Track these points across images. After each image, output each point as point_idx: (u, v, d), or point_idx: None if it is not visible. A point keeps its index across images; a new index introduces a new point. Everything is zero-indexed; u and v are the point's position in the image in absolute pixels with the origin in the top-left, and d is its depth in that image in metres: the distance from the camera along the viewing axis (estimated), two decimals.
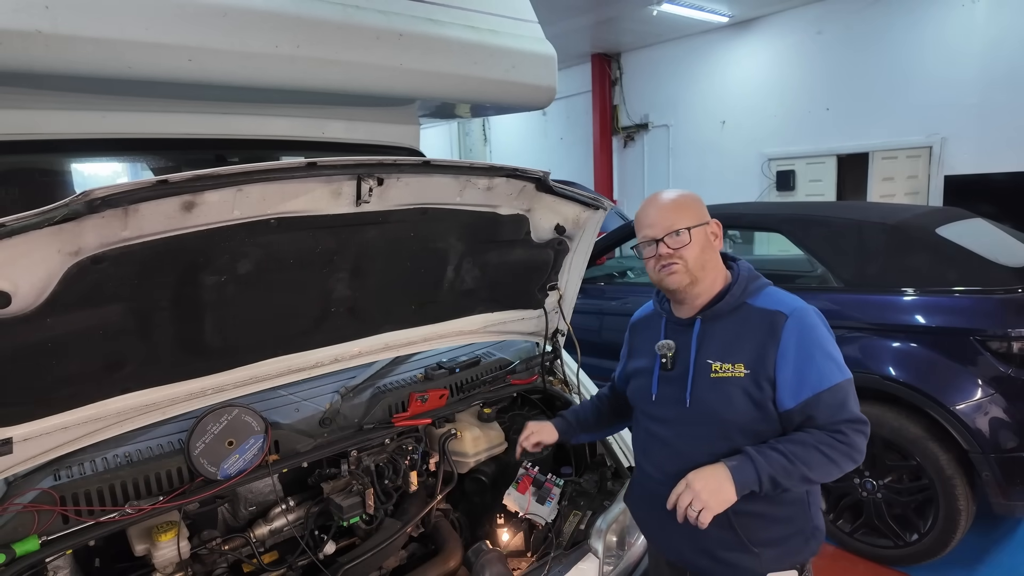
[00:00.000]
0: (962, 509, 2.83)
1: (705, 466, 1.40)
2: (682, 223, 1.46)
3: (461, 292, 2.00)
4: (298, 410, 1.86)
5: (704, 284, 1.50)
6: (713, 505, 1.34)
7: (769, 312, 1.45)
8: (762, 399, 1.41)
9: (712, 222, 1.52)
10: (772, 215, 3.96)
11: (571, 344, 2.32)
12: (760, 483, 1.35)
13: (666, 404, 1.55)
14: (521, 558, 1.97)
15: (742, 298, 1.49)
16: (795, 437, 1.39)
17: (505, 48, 2.25)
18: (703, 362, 1.48)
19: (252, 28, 1.68)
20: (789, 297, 1.50)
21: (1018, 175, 6.74)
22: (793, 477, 1.35)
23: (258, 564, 1.73)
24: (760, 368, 1.41)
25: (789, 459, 1.35)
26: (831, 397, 1.38)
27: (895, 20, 7.54)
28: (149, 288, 1.37)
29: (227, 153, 2.15)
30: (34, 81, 1.59)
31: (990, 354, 2.77)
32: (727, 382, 1.44)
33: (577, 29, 9.06)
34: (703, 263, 1.48)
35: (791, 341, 1.40)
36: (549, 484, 1.98)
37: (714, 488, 1.35)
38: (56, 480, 1.50)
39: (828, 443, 1.36)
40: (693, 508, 1.35)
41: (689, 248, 1.46)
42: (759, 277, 1.55)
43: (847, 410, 1.40)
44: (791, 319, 1.42)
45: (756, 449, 1.38)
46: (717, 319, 1.50)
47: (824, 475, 1.38)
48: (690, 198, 1.53)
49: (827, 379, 1.39)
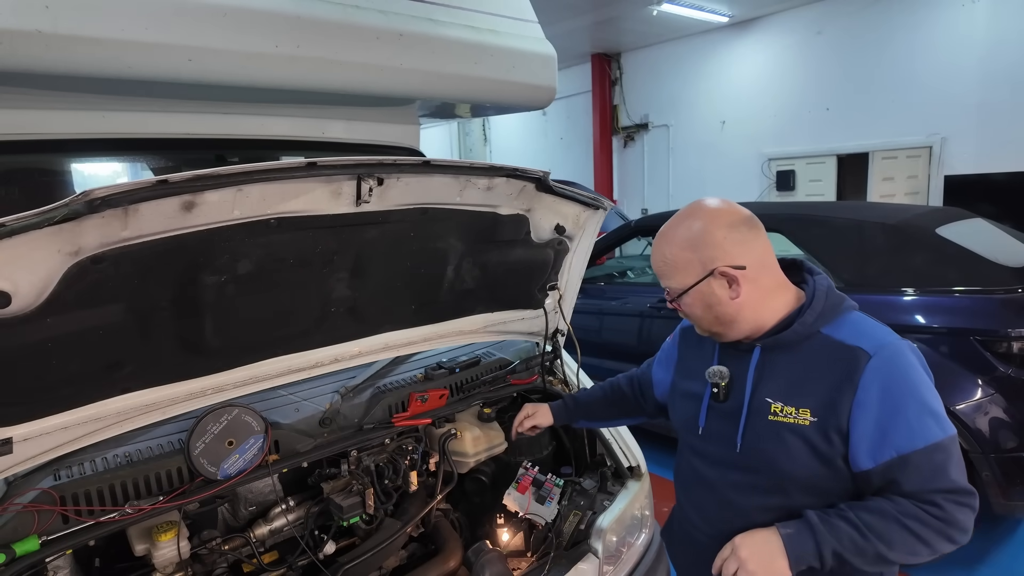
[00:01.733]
0: None
1: (756, 530, 1.19)
2: (675, 283, 1.25)
3: (461, 292, 2.00)
4: (298, 410, 1.86)
5: (743, 325, 1.25)
6: None
7: (848, 348, 1.17)
8: (830, 454, 1.16)
9: (718, 270, 1.20)
10: (772, 215, 3.95)
11: (571, 344, 2.32)
12: (821, 558, 1.13)
13: (714, 441, 1.32)
14: (521, 558, 1.97)
15: (816, 326, 1.22)
16: (873, 505, 1.14)
17: (505, 48, 2.25)
18: (761, 400, 1.23)
19: (252, 28, 1.68)
20: (878, 329, 1.21)
21: (1018, 175, 6.75)
22: (866, 555, 1.12)
23: (258, 564, 1.73)
24: (831, 417, 1.16)
25: (862, 532, 1.11)
26: (924, 460, 1.11)
27: (895, 20, 7.55)
28: (149, 288, 1.37)
29: (227, 153, 2.15)
30: (34, 81, 1.59)
31: (990, 354, 2.77)
32: (788, 428, 1.19)
33: (577, 29, 9.07)
34: (717, 317, 1.25)
35: (874, 387, 1.13)
36: (549, 484, 1.98)
37: (764, 559, 1.14)
38: (56, 480, 1.50)
39: (916, 516, 1.10)
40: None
41: (689, 310, 1.27)
42: (843, 300, 1.26)
43: (946, 477, 1.11)
44: (876, 359, 1.15)
45: (820, 515, 1.15)
46: (782, 349, 1.24)
47: (908, 555, 1.12)
48: (685, 243, 1.23)
49: (920, 437, 1.12)
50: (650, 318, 4.08)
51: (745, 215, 1.26)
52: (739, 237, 1.22)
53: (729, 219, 1.23)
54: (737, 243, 1.21)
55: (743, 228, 1.23)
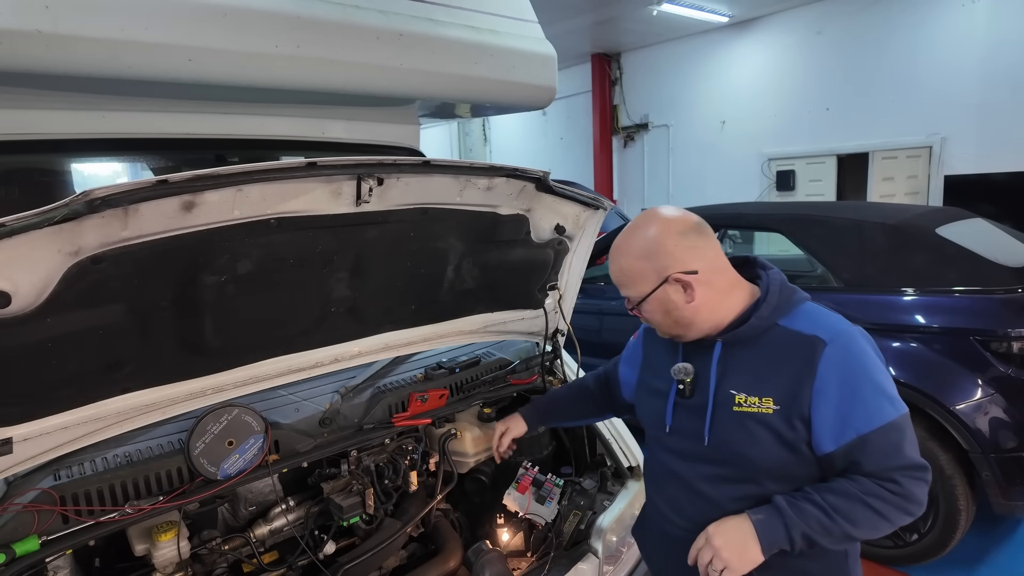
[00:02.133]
0: (962, 509, 2.84)
1: (728, 518, 1.24)
2: (632, 292, 1.31)
3: (461, 292, 2.00)
4: (298, 410, 1.86)
5: (702, 326, 1.30)
6: (736, 566, 1.19)
7: (805, 337, 1.22)
8: (794, 440, 1.21)
9: (676, 275, 1.24)
10: (772, 215, 3.96)
11: (571, 344, 2.32)
12: (791, 541, 1.18)
13: (682, 436, 1.36)
14: (521, 558, 1.97)
15: (772, 318, 1.26)
16: (837, 486, 1.19)
17: (505, 48, 2.25)
18: (725, 393, 1.27)
19: (252, 28, 1.68)
20: (831, 317, 1.27)
21: (1018, 175, 6.74)
22: (833, 534, 1.17)
23: (258, 564, 1.73)
24: (792, 405, 1.20)
25: (828, 513, 1.16)
26: (881, 439, 1.17)
27: (895, 20, 7.55)
28: (149, 288, 1.37)
29: (227, 153, 2.15)
30: (34, 81, 1.59)
31: (990, 354, 2.77)
32: (752, 418, 1.23)
33: (577, 29, 9.07)
34: (676, 320, 1.30)
35: (831, 374, 1.18)
36: (549, 484, 1.98)
37: (737, 546, 1.19)
38: (56, 480, 1.50)
39: (877, 494, 1.16)
40: (714, 568, 1.20)
41: (648, 316, 1.33)
42: (794, 291, 1.31)
43: (902, 455, 1.18)
44: (831, 346, 1.20)
45: (788, 500, 1.20)
46: (742, 343, 1.28)
47: (871, 531, 1.19)
48: (638, 253, 1.28)
49: (877, 418, 1.17)
50: None
51: (694, 221, 1.30)
52: (689, 243, 1.27)
53: (679, 227, 1.28)
54: (688, 249, 1.26)
55: (693, 235, 1.28)
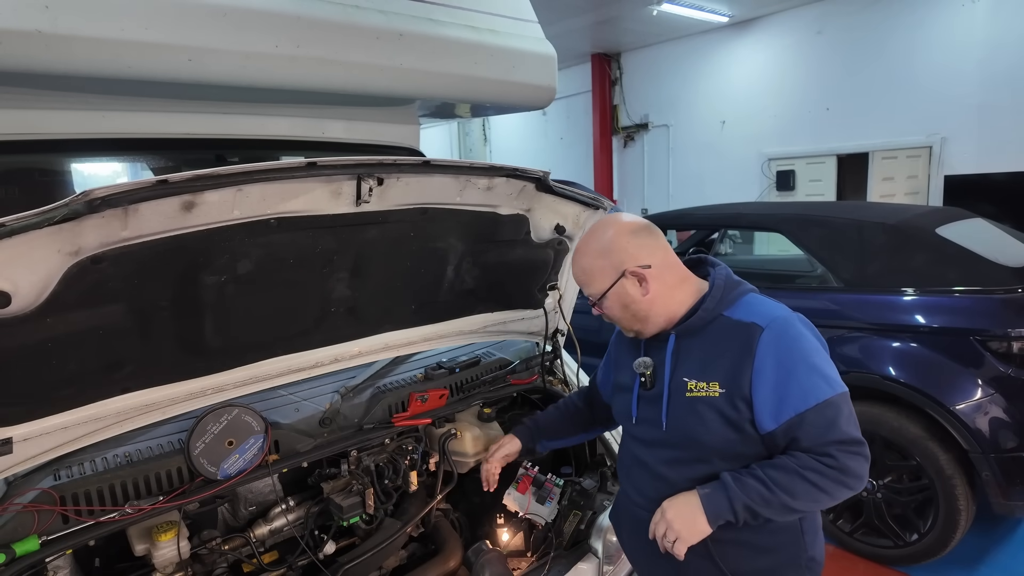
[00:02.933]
0: (962, 509, 2.84)
1: (680, 494, 1.35)
2: (591, 290, 1.43)
3: (461, 292, 2.00)
4: (298, 410, 1.86)
5: (658, 321, 1.42)
6: (686, 536, 1.30)
7: (745, 325, 1.33)
8: (738, 420, 1.31)
9: (631, 268, 1.37)
10: (772, 215, 3.96)
11: (571, 344, 2.32)
12: (735, 513, 1.28)
13: (645, 425, 1.47)
14: (521, 558, 1.97)
15: (717, 310, 1.38)
16: (778, 462, 1.29)
17: (505, 48, 2.25)
18: (679, 380, 1.38)
19: (252, 28, 1.68)
20: (770, 306, 1.38)
21: (1018, 175, 6.74)
22: (773, 506, 1.26)
23: (258, 564, 1.73)
24: (735, 387, 1.31)
25: (768, 487, 1.26)
26: (817, 416, 1.26)
27: (895, 20, 7.54)
28: (149, 288, 1.37)
29: (227, 153, 2.15)
30: (34, 81, 1.59)
31: (990, 354, 2.77)
32: (701, 402, 1.34)
33: (577, 29, 9.07)
34: (634, 314, 1.41)
35: (768, 356, 1.28)
36: (549, 484, 1.98)
37: (686, 518, 1.30)
38: (56, 480, 1.50)
39: (814, 468, 1.25)
40: (667, 538, 1.32)
41: (609, 311, 1.43)
42: (739, 284, 1.43)
43: (837, 430, 1.26)
44: (767, 331, 1.30)
45: (733, 475, 1.30)
46: (693, 334, 1.40)
47: (811, 503, 1.28)
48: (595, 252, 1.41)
49: (812, 396, 1.27)
50: None
51: (644, 224, 1.45)
52: (641, 241, 1.40)
53: (631, 227, 1.42)
54: (640, 247, 1.40)
55: (644, 234, 1.42)
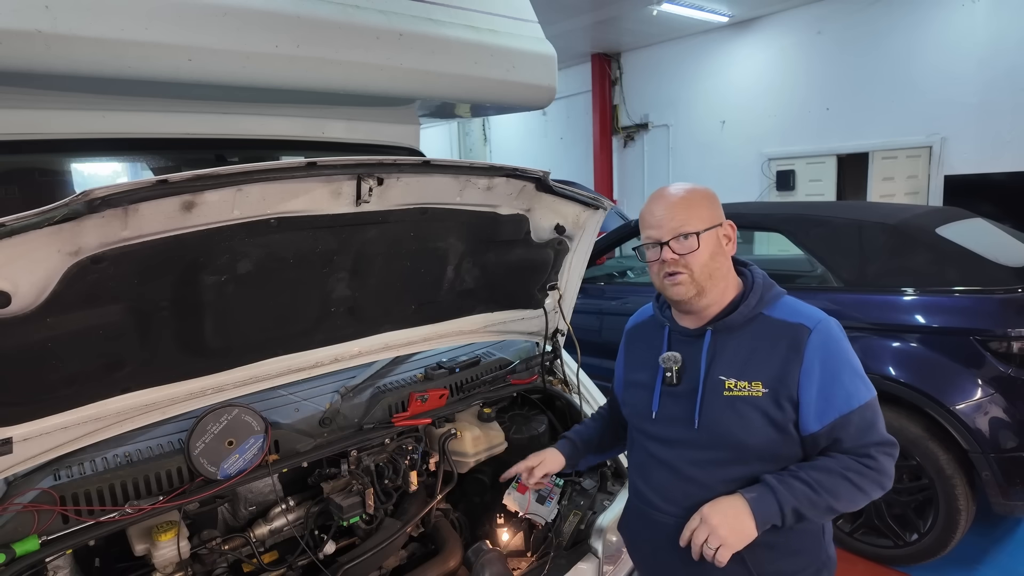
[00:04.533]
0: (962, 509, 2.83)
1: (721, 498, 1.29)
2: (691, 226, 1.32)
3: (461, 292, 2.00)
4: (298, 410, 1.86)
5: (712, 295, 1.36)
6: (733, 542, 1.24)
7: (790, 325, 1.32)
8: (783, 421, 1.28)
9: (726, 223, 1.39)
10: (772, 215, 3.96)
11: (571, 344, 2.32)
12: (783, 516, 1.24)
13: (669, 423, 1.41)
14: (521, 558, 1.97)
15: (758, 308, 1.36)
16: (820, 463, 1.28)
17: (505, 48, 2.25)
18: (716, 378, 1.34)
19: (252, 28, 1.67)
20: (809, 308, 1.37)
21: (1018, 175, 6.74)
22: (819, 508, 1.25)
23: (258, 564, 1.73)
24: (781, 387, 1.28)
25: (814, 489, 1.24)
26: (859, 418, 1.27)
27: (895, 20, 7.54)
28: (149, 288, 1.37)
29: (227, 153, 2.15)
30: (34, 81, 1.59)
31: (990, 354, 2.77)
32: (743, 401, 1.30)
33: (577, 29, 9.07)
34: (711, 272, 1.34)
35: (816, 358, 1.28)
36: (549, 484, 1.98)
37: (733, 523, 1.24)
38: (56, 480, 1.50)
39: (856, 469, 1.25)
40: (710, 545, 1.24)
41: (696, 255, 1.32)
42: (774, 285, 1.42)
43: (876, 432, 1.29)
44: (815, 333, 1.29)
45: (777, 478, 1.27)
46: (730, 331, 1.36)
47: (851, 504, 1.28)
48: (703, 195, 1.38)
49: (855, 399, 1.28)
50: None
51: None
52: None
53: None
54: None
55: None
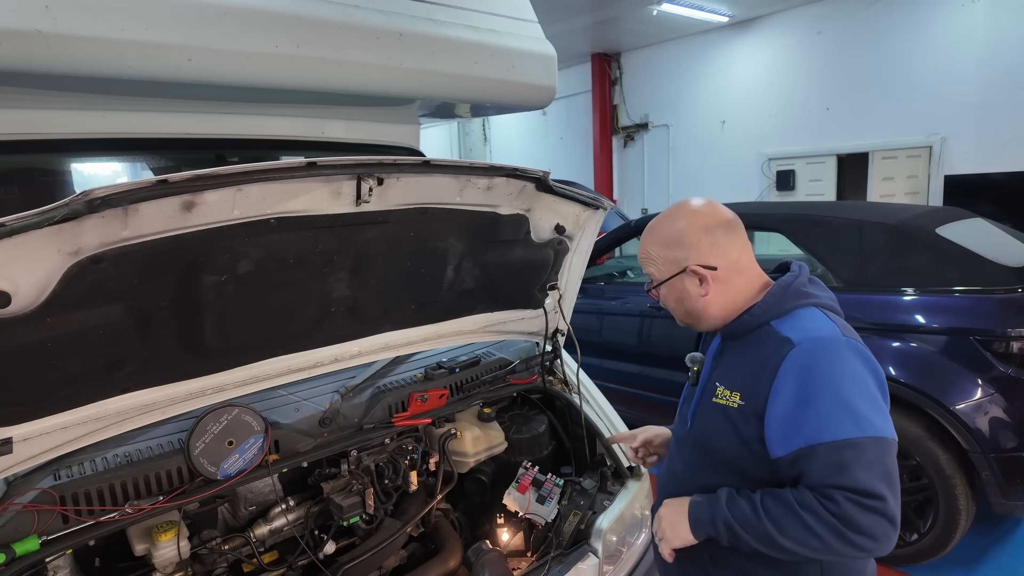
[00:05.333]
0: (962, 509, 2.84)
1: (680, 497, 1.32)
2: (654, 276, 1.36)
3: (461, 292, 2.00)
4: (298, 410, 1.86)
5: (712, 319, 1.33)
6: (669, 536, 1.28)
7: (781, 338, 1.22)
8: (748, 436, 1.22)
9: (689, 268, 1.28)
10: (772, 215, 3.95)
11: (571, 344, 2.32)
12: (715, 528, 1.21)
13: (681, 422, 1.45)
14: (521, 558, 1.97)
15: (764, 317, 1.27)
16: (780, 492, 1.18)
17: (505, 48, 2.25)
18: (712, 384, 1.33)
19: (252, 28, 1.67)
20: (818, 323, 1.23)
21: (1018, 175, 6.74)
22: (756, 534, 1.16)
23: (258, 564, 1.73)
24: (751, 401, 1.22)
25: (756, 512, 1.16)
26: (828, 454, 1.11)
27: (895, 20, 7.55)
28: (149, 288, 1.37)
29: (227, 153, 2.15)
30: (34, 81, 1.59)
31: (990, 354, 2.77)
32: (721, 410, 1.28)
33: (577, 29, 9.07)
34: (687, 311, 1.33)
35: (789, 375, 1.17)
36: (549, 484, 1.98)
37: (673, 521, 1.29)
38: (56, 480, 1.50)
39: (812, 508, 1.10)
40: (657, 535, 1.32)
41: (665, 302, 1.37)
42: (803, 296, 1.28)
43: (848, 475, 1.09)
44: (797, 350, 1.18)
45: (728, 492, 1.23)
46: (735, 338, 1.32)
47: (800, 546, 1.12)
48: (664, 240, 1.31)
49: (828, 431, 1.11)
50: (650, 318, 4.07)
51: (725, 219, 1.31)
52: (712, 240, 1.28)
53: (707, 222, 1.29)
54: (711, 246, 1.28)
55: (719, 232, 1.29)
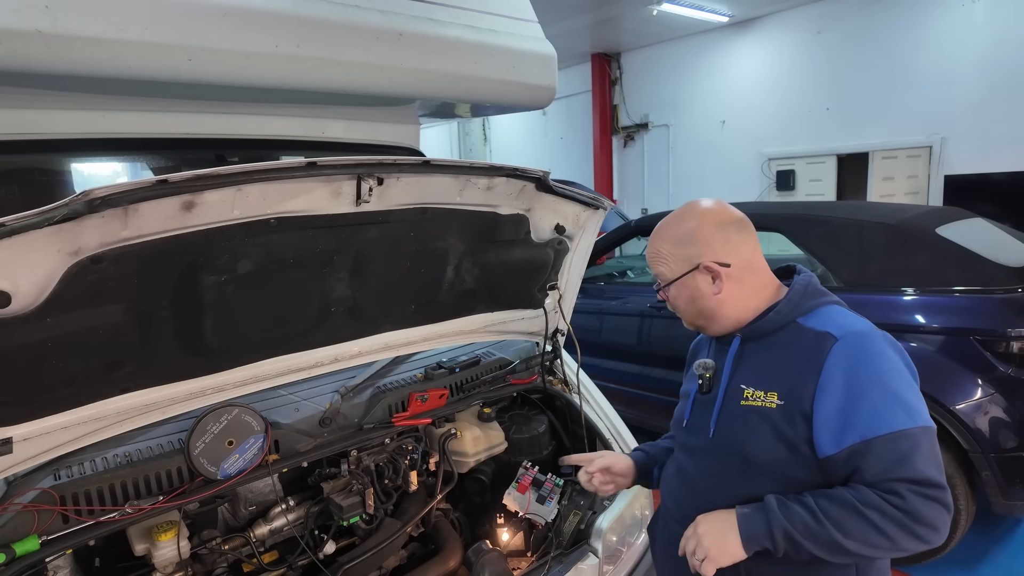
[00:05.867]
0: (962, 509, 2.84)
1: (719, 510, 1.22)
2: (664, 275, 1.31)
3: (461, 292, 2.00)
4: (298, 410, 1.86)
5: (725, 320, 1.29)
6: (716, 556, 1.16)
7: (817, 334, 1.18)
8: (794, 438, 1.16)
9: (703, 264, 1.25)
10: (772, 215, 3.95)
11: (571, 344, 2.32)
12: (773, 540, 1.12)
13: (694, 432, 1.36)
14: (521, 558, 1.97)
15: (791, 315, 1.24)
16: (834, 492, 1.12)
17: (505, 48, 2.25)
18: (736, 387, 1.26)
19: (252, 28, 1.67)
20: (852, 318, 1.22)
21: (1018, 175, 6.75)
22: (819, 540, 1.09)
23: (258, 564, 1.73)
24: (794, 401, 1.16)
25: (816, 517, 1.09)
26: (886, 447, 1.07)
27: (895, 20, 7.55)
28: (149, 288, 1.37)
29: (227, 153, 2.15)
30: (34, 81, 1.59)
31: (990, 354, 2.77)
32: (755, 412, 1.21)
33: (577, 29, 9.07)
34: (699, 311, 1.30)
35: (838, 371, 1.13)
36: (549, 484, 1.98)
37: (719, 537, 1.17)
38: (56, 480, 1.50)
39: (875, 505, 1.06)
40: (696, 556, 1.19)
41: (675, 303, 1.32)
42: (822, 294, 1.29)
43: (910, 466, 1.06)
44: (841, 343, 1.15)
45: (778, 499, 1.15)
46: (759, 338, 1.27)
47: (867, 547, 1.08)
48: (675, 238, 1.29)
49: (884, 424, 1.08)
50: (650, 318, 4.07)
51: (736, 217, 1.30)
52: (725, 237, 1.27)
53: (719, 219, 1.29)
54: (723, 242, 1.26)
55: (731, 229, 1.28)
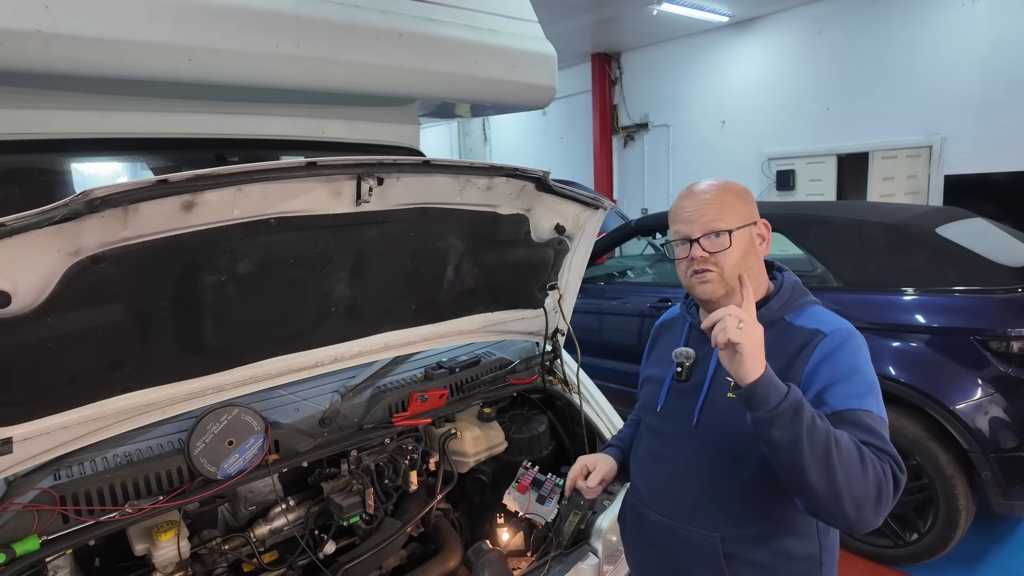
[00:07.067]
0: (962, 509, 2.84)
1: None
2: (724, 223, 1.26)
3: (461, 292, 2.00)
4: (298, 410, 1.86)
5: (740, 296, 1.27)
6: (742, 338, 1.07)
7: (807, 330, 1.26)
8: None
9: (760, 222, 1.33)
10: (772, 215, 3.93)
11: (571, 344, 2.32)
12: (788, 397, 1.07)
13: (671, 418, 1.38)
14: (521, 558, 1.97)
15: (780, 313, 1.30)
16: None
17: (505, 48, 2.25)
18: (722, 378, 1.27)
19: (252, 28, 1.67)
20: (835, 317, 1.30)
21: (1018, 175, 6.74)
22: (816, 438, 1.05)
23: (258, 564, 1.73)
24: None
25: (823, 420, 1.09)
26: (855, 418, 1.14)
27: (895, 20, 7.54)
28: (149, 288, 1.37)
29: (227, 153, 2.15)
30: (34, 81, 1.59)
31: (990, 354, 2.77)
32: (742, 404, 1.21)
33: (577, 29, 9.07)
34: (747, 268, 1.28)
35: (822, 359, 1.21)
36: (549, 484, 1.98)
37: (757, 342, 1.10)
38: (56, 480, 1.50)
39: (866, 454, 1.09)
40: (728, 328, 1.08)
41: (728, 254, 1.26)
42: (806, 293, 1.36)
43: (879, 438, 1.13)
44: (830, 336, 1.23)
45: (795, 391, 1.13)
46: None
47: (848, 470, 1.06)
48: (737, 191, 1.32)
49: (857, 401, 1.16)
50: (650, 318, 4.07)
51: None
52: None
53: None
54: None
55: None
